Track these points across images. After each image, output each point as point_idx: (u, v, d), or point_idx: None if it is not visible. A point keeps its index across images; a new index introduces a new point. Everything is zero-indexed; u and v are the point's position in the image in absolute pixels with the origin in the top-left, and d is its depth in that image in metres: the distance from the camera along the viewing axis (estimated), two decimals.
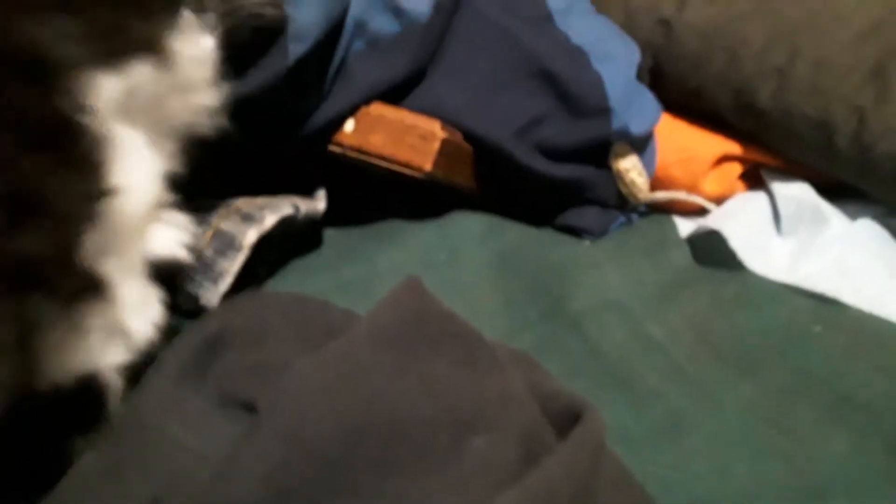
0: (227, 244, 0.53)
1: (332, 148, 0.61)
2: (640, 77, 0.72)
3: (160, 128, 0.38)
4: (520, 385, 0.38)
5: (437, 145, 0.60)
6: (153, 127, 0.37)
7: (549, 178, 0.66)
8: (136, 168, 0.35)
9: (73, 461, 0.36)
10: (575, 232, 0.69)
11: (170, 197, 0.39)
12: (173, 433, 0.36)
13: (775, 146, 0.71)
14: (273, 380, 0.35)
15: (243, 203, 0.56)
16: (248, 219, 0.55)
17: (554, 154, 0.67)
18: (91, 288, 0.34)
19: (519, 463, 0.34)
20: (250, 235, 0.54)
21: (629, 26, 0.73)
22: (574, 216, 0.69)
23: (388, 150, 0.60)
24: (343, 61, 0.60)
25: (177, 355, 0.39)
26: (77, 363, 0.35)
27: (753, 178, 0.73)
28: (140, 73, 0.35)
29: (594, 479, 0.33)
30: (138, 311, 0.37)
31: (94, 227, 0.33)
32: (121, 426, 0.38)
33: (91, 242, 0.33)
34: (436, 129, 0.60)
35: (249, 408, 0.36)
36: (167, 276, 0.40)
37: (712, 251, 0.65)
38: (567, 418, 0.38)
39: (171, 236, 0.39)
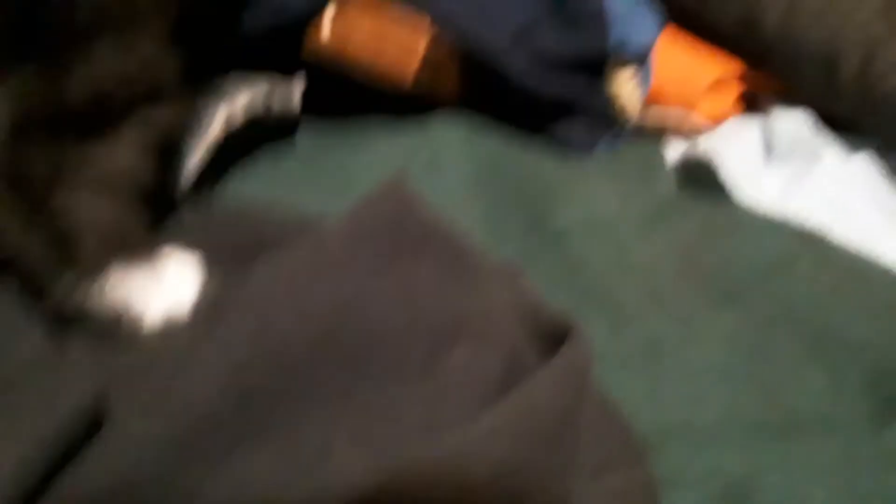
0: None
1: (308, 54, 0.56)
2: None
3: None
4: (505, 298, 0.35)
5: (419, 59, 0.56)
6: None
7: (539, 93, 0.63)
8: None
9: None
10: (562, 146, 0.66)
11: None
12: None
13: (776, 71, 0.68)
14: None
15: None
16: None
17: (548, 64, 0.63)
18: None
19: (500, 380, 0.32)
20: (219, 115, 0.50)
21: None
22: (562, 129, 0.66)
23: (367, 60, 0.56)
24: None
25: None
26: None
27: (750, 103, 0.70)
28: None
29: (579, 403, 0.31)
30: None
31: None
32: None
33: None
34: (419, 44, 0.56)
35: None
36: None
37: (702, 178, 0.63)
38: (552, 336, 0.36)
39: None
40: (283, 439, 0.28)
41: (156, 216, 0.39)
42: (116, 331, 0.34)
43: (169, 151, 0.40)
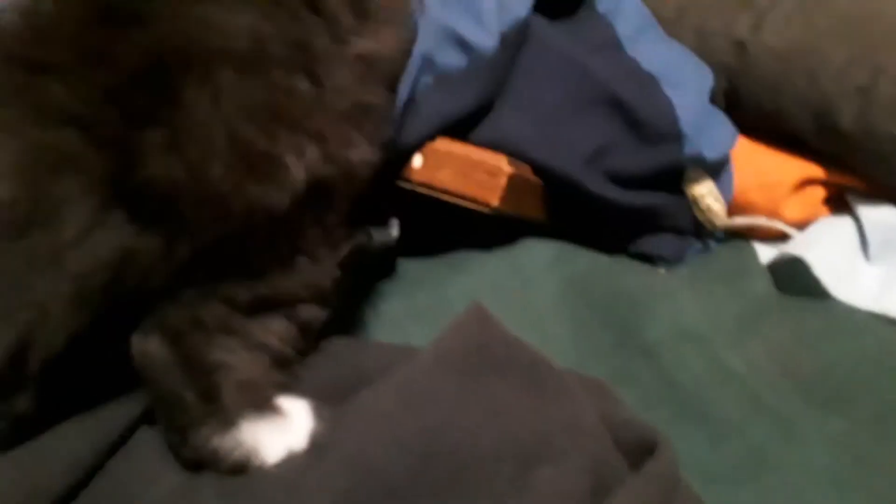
0: None
1: (402, 183, 0.61)
2: (714, 101, 0.71)
3: None
4: (590, 413, 0.37)
5: (503, 181, 0.59)
6: None
7: (621, 206, 0.65)
8: None
9: None
10: (649, 259, 0.67)
11: None
12: None
13: (860, 169, 0.68)
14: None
15: None
16: None
17: (626, 181, 0.65)
18: None
19: (588, 495, 0.33)
20: None
21: (702, 50, 0.72)
22: (648, 243, 0.68)
23: (455, 186, 0.60)
24: (411, 96, 0.61)
25: None
26: None
27: (838, 203, 0.70)
28: None
29: None
30: None
31: None
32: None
33: None
34: (502, 165, 0.60)
35: None
36: None
37: (795, 279, 0.62)
38: (640, 450, 0.36)
39: None
40: None
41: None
42: (242, 474, 0.38)
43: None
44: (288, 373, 0.41)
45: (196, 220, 0.35)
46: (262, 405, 0.40)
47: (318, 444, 0.35)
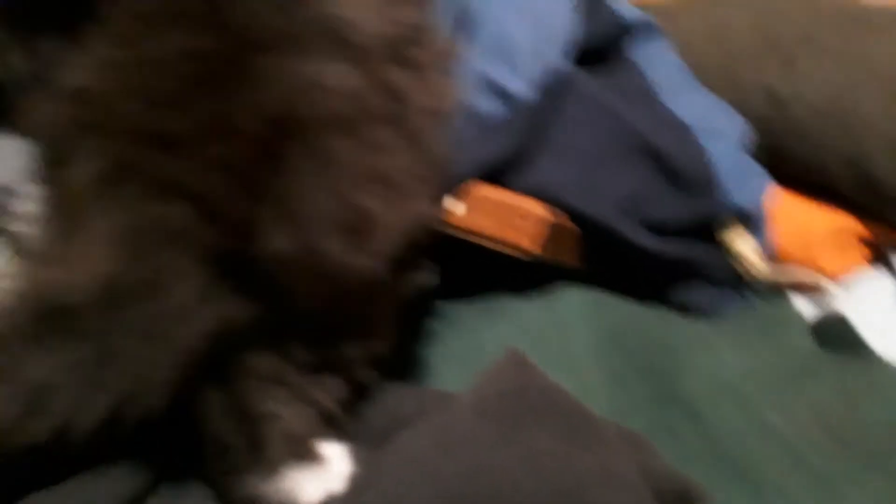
0: None
1: (446, 230, 0.62)
2: (749, 151, 0.71)
3: None
4: (627, 464, 0.36)
5: (541, 227, 0.60)
6: None
7: (657, 255, 0.65)
8: None
9: None
10: (687, 310, 0.66)
11: None
12: None
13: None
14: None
15: None
16: None
17: (661, 230, 0.65)
18: None
19: None
20: None
21: (736, 100, 0.72)
22: (686, 293, 0.67)
23: (493, 232, 0.60)
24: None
25: None
26: None
27: (877, 255, 0.69)
28: None
29: None
30: None
31: None
32: None
33: None
34: (540, 211, 0.60)
35: None
36: None
37: (836, 334, 0.61)
38: (680, 503, 0.36)
39: None
40: None
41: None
42: None
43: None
44: (332, 428, 0.41)
45: (300, 292, 0.34)
46: (305, 455, 0.40)
47: (355, 488, 0.35)
